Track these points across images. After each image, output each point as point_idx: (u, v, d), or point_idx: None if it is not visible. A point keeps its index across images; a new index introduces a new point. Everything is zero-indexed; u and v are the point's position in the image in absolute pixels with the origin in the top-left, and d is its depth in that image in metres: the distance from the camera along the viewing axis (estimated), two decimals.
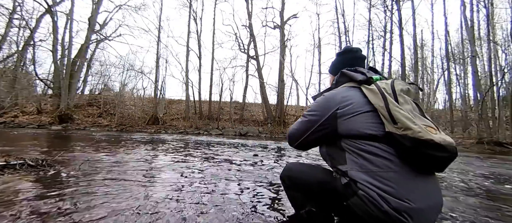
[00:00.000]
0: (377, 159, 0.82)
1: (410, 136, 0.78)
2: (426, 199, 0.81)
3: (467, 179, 2.48)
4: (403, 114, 0.82)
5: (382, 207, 0.77)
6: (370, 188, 0.80)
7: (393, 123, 0.82)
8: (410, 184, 0.81)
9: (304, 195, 1.01)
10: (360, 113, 0.88)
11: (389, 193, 0.78)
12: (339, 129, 0.90)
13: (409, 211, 0.76)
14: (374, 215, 0.79)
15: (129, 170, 2.25)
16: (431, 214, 0.83)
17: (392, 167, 0.81)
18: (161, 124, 14.22)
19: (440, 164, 0.81)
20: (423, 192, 0.82)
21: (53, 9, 14.26)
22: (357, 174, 0.83)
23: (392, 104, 0.85)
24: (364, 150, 0.85)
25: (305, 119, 1.01)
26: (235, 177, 2.18)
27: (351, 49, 1.19)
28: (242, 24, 18.96)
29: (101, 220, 1.10)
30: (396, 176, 0.80)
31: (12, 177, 1.80)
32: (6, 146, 3.82)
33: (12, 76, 13.91)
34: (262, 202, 1.48)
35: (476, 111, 9.87)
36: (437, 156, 0.78)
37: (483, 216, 1.36)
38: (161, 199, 1.43)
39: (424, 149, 0.77)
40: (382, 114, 0.85)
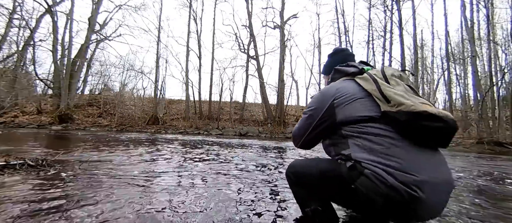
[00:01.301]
0: (378, 138, 0.84)
1: (403, 110, 0.81)
2: (434, 172, 0.80)
3: (467, 179, 2.48)
4: (395, 92, 0.86)
5: (388, 182, 0.76)
6: (375, 166, 0.80)
7: (387, 102, 0.86)
8: (415, 158, 0.81)
9: (310, 191, 1.01)
10: (355, 99, 0.92)
11: (395, 167, 0.78)
12: (338, 118, 0.93)
13: (418, 183, 0.75)
14: (383, 192, 0.77)
15: (129, 170, 2.25)
16: (442, 188, 0.81)
17: (394, 143, 0.82)
18: (161, 124, 14.22)
19: (439, 136, 0.82)
20: (429, 165, 0.81)
21: (53, 9, 14.27)
22: (360, 155, 0.84)
23: (383, 86, 0.89)
24: (364, 132, 0.87)
25: (305, 116, 1.05)
26: (235, 177, 2.18)
27: (341, 49, 1.27)
28: (242, 24, 18.97)
29: (101, 220, 1.10)
30: (399, 150, 0.81)
31: (12, 177, 1.80)
32: (6, 146, 3.83)
33: (12, 76, 13.90)
34: (262, 202, 1.48)
35: (476, 111, 9.87)
36: (433, 126, 0.78)
37: (484, 216, 1.36)
38: (161, 200, 1.43)
39: (419, 121, 0.79)
40: (376, 96, 0.89)
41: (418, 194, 0.75)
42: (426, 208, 0.79)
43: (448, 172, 0.86)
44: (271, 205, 1.41)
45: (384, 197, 0.78)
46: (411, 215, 0.81)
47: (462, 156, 4.99)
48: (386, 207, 0.80)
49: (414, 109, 0.79)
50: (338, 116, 0.93)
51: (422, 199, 0.75)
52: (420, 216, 0.82)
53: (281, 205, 1.42)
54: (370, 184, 0.79)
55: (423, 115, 0.79)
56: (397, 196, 0.76)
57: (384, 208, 0.81)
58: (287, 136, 11.51)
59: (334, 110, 0.94)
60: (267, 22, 18.00)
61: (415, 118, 0.79)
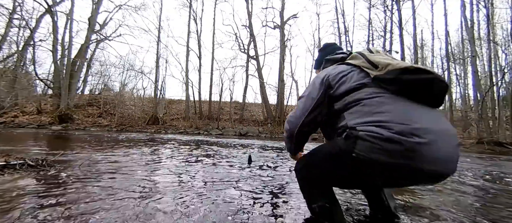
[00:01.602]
0: (370, 100, 0.86)
1: (391, 69, 0.84)
2: (431, 122, 0.78)
3: (467, 179, 2.48)
4: (381, 58, 0.92)
5: (383, 135, 0.75)
6: (369, 124, 0.80)
7: (375, 68, 0.90)
8: (409, 111, 0.81)
9: (319, 183, 1.00)
10: (346, 74, 0.97)
11: (388, 121, 0.77)
12: (332, 93, 0.96)
13: (414, 130, 0.73)
14: (381, 147, 0.74)
15: (129, 170, 2.25)
16: (444, 135, 0.77)
17: (386, 101, 0.83)
18: (161, 124, 14.21)
19: (429, 89, 0.83)
20: (425, 117, 0.80)
21: (53, 9, 14.27)
22: (354, 121, 0.85)
23: (370, 55, 0.95)
24: (357, 99, 0.89)
25: (302, 99, 1.06)
26: (235, 178, 2.18)
27: (329, 44, 1.34)
28: (242, 24, 18.97)
29: (101, 220, 1.10)
30: (392, 107, 0.82)
31: (12, 177, 1.80)
32: (6, 146, 3.82)
33: (12, 76, 13.90)
34: (262, 201, 1.48)
35: (476, 111, 9.87)
36: (421, 78, 0.81)
37: (484, 215, 1.36)
38: (160, 201, 1.43)
39: (407, 74, 0.81)
40: (364, 66, 0.94)
41: (415, 139, 0.72)
42: (429, 157, 0.73)
43: (448, 124, 0.85)
44: (271, 205, 1.41)
45: (383, 153, 0.74)
46: (418, 172, 0.74)
47: (461, 156, 5.00)
48: (390, 167, 0.75)
49: (401, 65, 0.83)
50: (332, 91, 0.97)
51: (422, 144, 0.72)
52: (427, 170, 0.74)
53: (282, 204, 1.42)
54: (367, 145, 0.77)
55: (410, 69, 0.81)
56: (395, 147, 0.73)
57: (389, 168, 0.76)
58: None
59: (328, 86, 0.99)
60: (267, 22, 18.01)
61: (403, 73, 0.82)
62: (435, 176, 0.79)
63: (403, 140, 0.73)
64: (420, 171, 0.74)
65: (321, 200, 0.98)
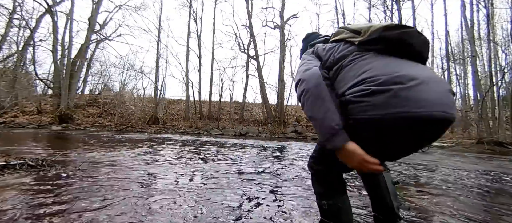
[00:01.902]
0: (354, 64, 0.86)
1: (373, 30, 0.86)
2: (417, 71, 0.76)
3: (467, 179, 2.48)
4: (362, 24, 0.93)
5: (367, 90, 0.72)
6: (355, 85, 0.78)
7: (359, 34, 0.91)
8: (391, 64, 0.80)
9: (331, 180, 0.97)
10: (333, 47, 0.97)
11: (372, 76, 0.76)
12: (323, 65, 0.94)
13: (398, 78, 0.71)
14: (369, 103, 0.71)
15: (129, 171, 2.25)
16: (432, 82, 0.73)
17: (369, 60, 0.84)
18: (161, 124, 14.21)
19: (412, 43, 0.83)
20: (410, 67, 0.78)
21: (53, 9, 14.27)
22: (343, 88, 0.83)
23: (351, 26, 0.97)
24: (343, 66, 0.88)
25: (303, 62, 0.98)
26: (236, 179, 2.18)
27: (312, 32, 1.34)
28: (242, 24, 18.97)
29: (101, 220, 1.10)
30: (375, 63, 0.81)
31: (12, 177, 1.80)
32: (6, 146, 3.82)
33: (12, 76, 13.90)
34: (262, 201, 1.48)
35: (476, 111, 9.87)
36: (402, 32, 0.82)
37: (484, 215, 1.36)
38: (160, 201, 1.43)
39: (388, 32, 0.83)
40: (348, 36, 0.95)
41: (398, 86, 0.70)
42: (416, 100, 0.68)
43: (435, 74, 0.84)
44: (271, 206, 1.41)
45: (371, 108, 0.71)
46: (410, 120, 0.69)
47: (461, 156, 4.99)
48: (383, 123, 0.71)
49: (383, 24, 0.85)
50: (322, 62, 0.96)
51: (405, 89, 0.69)
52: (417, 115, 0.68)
53: (282, 205, 1.42)
54: (357, 106, 0.74)
55: (391, 26, 0.83)
56: (379, 98, 0.70)
57: (382, 126, 0.72)
58: (287, 136, 11.52)
59: (318, 57, 0.98)
60: (267, 22, 18.00)
61: (385, 30, 0.83)
62: (431, 122, 0.71)
63: (385, 89, 0.71)
64: (412, 118, 0.69)
65: (333, 199, 0.95)
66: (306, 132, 12.12)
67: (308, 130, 12.66)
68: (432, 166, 3.32)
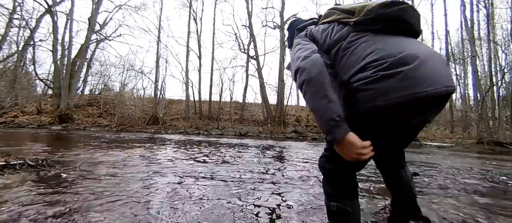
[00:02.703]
0: (355, 47, 0.84)
1: (368, 9, 0.83)
2: (416, 48, 0.78)
3: (467, 179, 2.48)
4: (357, 4, 0.89)
5: (375, 76, 0.73)
6: (360, 71, 0.78)
7: (353, 14, 0.88)
8: (394, 43, 0.80)
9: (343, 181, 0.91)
10: (327, 28, 0.94)
11: (377, 59, 0.76)
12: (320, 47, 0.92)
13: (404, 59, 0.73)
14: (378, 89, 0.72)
15: (129, 171, 2.25)
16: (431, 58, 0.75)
17: (369, 42, 0.82)
18: (161, 124, 14.21)
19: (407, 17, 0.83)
20: (410, 45, 0.80)
21: (53, 9, 14.27)
22: (347, 74, 0.82)
23: (343, 6, 0.94)
24: (343, 49, 0.86)
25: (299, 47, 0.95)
26: (235, 179, 2.18)
27: (295, 19, 1.26)
28: (242, 24, 18.98)
29: (101, 221, 1.10)
30: (377, 45, 0.81)
31: (12, 177, 1.80)
32: (6, 146, 3.82)
33: (12, 76, 13.91)
34: (262, 201, 1.47)
35: (476, 111, 9.86)
36: (399, 8, 0.81)
37: (484, 215, 1.36)
38: (160, 202, 1.43)
39: (385, 9, 0.81)
40: (341, 17, 0.92)
41: (406, 67, 0.71)
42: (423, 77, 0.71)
43: (430, 48, 0.85)
44: (271, 204, 1.41)
45: (382, 93, 0.72)
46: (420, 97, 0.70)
47: (462, 156, 4.99)
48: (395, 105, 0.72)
49: (377, 2, 0.82)
50: (318, 44, 0.93)
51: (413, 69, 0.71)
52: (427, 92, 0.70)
53: (281, 204, 1.42)
54: (366, 94, 0.75)
55: (387, 3, 0.81)
56: (390, 82, 0.71)
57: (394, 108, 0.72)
58: (287, 136, 11.51)
59: (313, 40, 0.95)
60: (267, 22, 17.99)
61: (382, 8, 0.81)
62: (438, 98, 0.74)
63: (394, 73, 0.72)
64: (423, 98, 0.71)
65: (343, 202, 0.90)
66: (306, 132, 12.12)
67: (308, 130, 12.66)
68: (432, 166, 3.32)
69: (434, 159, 4.12)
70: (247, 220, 1.18)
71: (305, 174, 2.37)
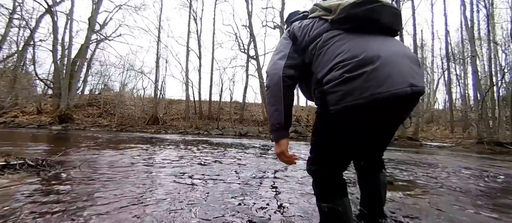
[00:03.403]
0: (328, 47, 0.88)
1: (341, 8, 0.87)
2: (385, 47, 0.81)
3: (467, 179, 2.48)
4: (333, 2, 0.93)
5: (341, 77, 0.76)
6: (330, 71, 0.82)
7: (330, 12, 0.92)
8: (361, 43, 0.83)
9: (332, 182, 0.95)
10: (309, 24, 0.98)
11: (344, 60, 0.80)
12: (299, 45, 0.97)
13: (367, 60, 0.76)
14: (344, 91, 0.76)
15: (129, 171, 2.25)
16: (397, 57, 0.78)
17: (341, 42, 0.86)
18: (161, 124, 14.21)
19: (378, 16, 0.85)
20: (379, 44, 0.83)
21: (53, 9, 14.25)
22: (320, 74, 0.86)
23: (324, 3, 0.98)
24: (318, 48, 0.90)
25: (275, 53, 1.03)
26: (235, 180, 2.18)
27: (293, 12, 1.31)
28: (242, 24, 18.98)
29: (99, 221, 1.10)
30: (346, 45, 0.84)
31: (12, 177, 1.80)
32: (6, 146, 3.82)
33: (12, 76, 13.91)
34: (262, 203, 1.48)
35: (476, 111, 9.86)
36: (368, 8, 0.84)
37: (484, 215, 1.36)
38: (160, 203, 1.43)
39: (355, 9, 0.84)
40: (322, 14, 0.96)
41: (367, 67, 0.74)
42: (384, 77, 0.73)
43: (403, 46, 0.88)
44: (271, 205, 1.41)
45: (348, 95, 0.76)
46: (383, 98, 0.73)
47: (461, 156, 4.99)
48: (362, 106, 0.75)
49: (350, 1, 0.86)
50: (298, 42, 0.97)
51: (375, 69, 0.74)
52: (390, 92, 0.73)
53: (283, 204, 1.42)
54: (334, 96, 0.79)
55: (358, 3, 0.84)
56: (354, 84, 0.74)
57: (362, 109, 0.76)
58: None
59: (294, 38, 0.99)
60: (267, 22, 18.00)
61: (352, 8, 0.85)
62: (406, 98, 0.77)
63: (357, 74, 0.74)
64: (385, 98, 0.73)
65: (332, 202, 0.93)
66: (306, 132, 12.11)
67: (308, 130, 12.66)
68: (432, 166, 3.32)
69: (434, 159, 4.12)
70: (247, 220, 1.18)
71: (306, 174, 2.37)
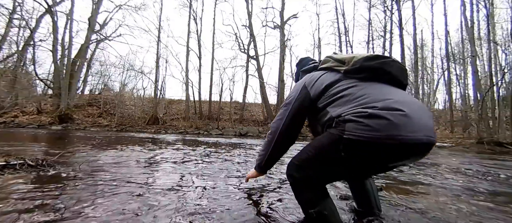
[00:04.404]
0: (346, 91, 0.97)
1: (355, 60, 1.00)
2: (405, 98, 0.90)
3: (467, 179, 2.48)
4: (346, 55, 1.07)
5: (368, 112, 0.83)
6: (352, 109, 0.89)
7: (344, 64, 1.04)
8: (382, 91, 0.93)
9: (314, 182, 0.99)
10: (321, 76, 1.09)
11: (369, 101, 0.88)
12: (311, 94, 1.07)
13: (396, 104, 0.83)
14: (369, 125, 0.81)
15: (129, 171, 2.25)
16: (420, 110, 0.87)
17: (360, 87, 0.96)
18: (161, 124, 14.22)
19: (390, 69, 0.97)
20: (398, 94, 0.93)
21: (53, 9, 14.25)
22: (338, 111, 0.94)
23: (336, 55, 1.12)
24: (334, 93, 1.00)
25: (284, 105, 1.16)
26: (235, 180, 2.18)
27: (303, 58, 1.48)
28: (242, 24, 18.96)
29: (101, 221, 1.10)
30: (367, 90, 0.94)
31: (12, 177, 1.80)
32: (6, 146, 3.82)
33: (12, 76, 13.90)
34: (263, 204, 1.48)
35: (476, 111, 9.86)
36: (380, 61, 0.97)
37: (484, 215, 1.36)
38: (160, 204, 1.44)
39: (369, 62, 0.97)
40: (334, 65, 1.08)
41: (398, 112, 0.81)
42: (412, 127, 0.80)
43: (417, 100, 0.97)
44: (272, 207, 1.41)
45: (371, 129, 0.81)
46: (405, 143, 0.80)
47: (461, 156, 4.99)
48: (381, 143, 0.80)
49: (363, 55, 1.00)
50: (311, 93, 1.06)
51: (405, 116, 0.80)
52: (412, 140, 0.80)
53: (284, 204, 1.42)
54: (356, 125, 0.84)
55: (371, 57, 0.98)
56: (382, 122, 0.80)
57: (379, 145, 0.81)
58: None
59: (306, 89, 1.09)
60: (267, 22, 18.01)
61: (366, 61, 0.98)
62: (420, 146, 0.84)
63: (386, 114, 0.81)
64: (405, 141, 0.80)
65: (319, 205, 0.97)
66: (306, 132, 12.11)
67: (308, 130, 12.66)
68: (432, 166, 3.32)
69: (434, 159, 4.12)
70: (247, 220, 1.18)
71: None
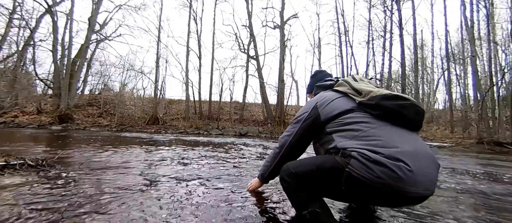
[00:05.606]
0: (357, 125, 0.96)
1: (372, 96, 0.97)
2: (414, 146, 0.89)
3: (466, 179, 2.48)
4: (364, 85, 1.05)
5: (372, 158, 0.83)
6: (360, 147, 0.88)
7: (359, 94, 1.03)
8: (392, 135, 0.91)
9: (307, 191, 1.01)
10: (334, 99, 1.09)
11: (377, 145, 0.87)
12: (321, 116, 1.07)
13: (400, 155, 0.83)
14: (372, 169, 0.82)
15: (129, 171, 2.26)
16: (425, 161, 0.87)
17: (371, 126, 0.94)
18: (161, 124, 14.21)
19: (406, 113, 0.94)
20: (408, 141, 0.90)
21: (53, 9, 14.24)
22: (346, 143, 0.93)
23: (354, 83, 1.09)
24: (345, 123, 0.99)
25: (294, 122, 1.19)
26: (236, 180, 2.18)
27: (319, 71, 1.52)
28: (242, 24, 18.94)
29: (101, 221, 1.10)
30: (377, 131, 0.92)
31: (12, 177, 1.80)
32: (6, 146, 3.82)
33: (12, 76, 13.89)
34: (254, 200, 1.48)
35: (476, 111, 9.86)
36: (398, 103, 0.94)
37: (485, 216, 1.36)
38: (160, 205, 1.44)
39: (386, 101, 0.94)
40: (350, 93, 1.07)
41: (400, 163, 0.81)
42: (413, 180, 0.81)
43: (427, 147, 0.95)
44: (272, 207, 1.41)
45: (373, 173, 0.82)
46: (402, 193, 0.82)
47: (461, 156, 4.99)
48: (378, 187, 0.83)
49: (382, 93, 0.96)
50: (321, 114, 1.07)
51: (407, 168, 0.80)
52: (410, 192, 0.82)
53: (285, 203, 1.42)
54: (360, 165, 0.85)
55: (389, 96, 0.95)
56: (384, 170, 0.81)
57: (377, 188, 0.83)
58: None
59: (317, 110, 1.09)
60: (267, 22, 17.98)
61: (383, 99, 0.94)
62: (418, 198, 0.87)
63: (390, 164, 0.81)
64: (404, 192, 0.82)
65: (311, 206, 0.99)
66: None
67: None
68: None
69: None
70: (247, 220, 1.18)
71: None
